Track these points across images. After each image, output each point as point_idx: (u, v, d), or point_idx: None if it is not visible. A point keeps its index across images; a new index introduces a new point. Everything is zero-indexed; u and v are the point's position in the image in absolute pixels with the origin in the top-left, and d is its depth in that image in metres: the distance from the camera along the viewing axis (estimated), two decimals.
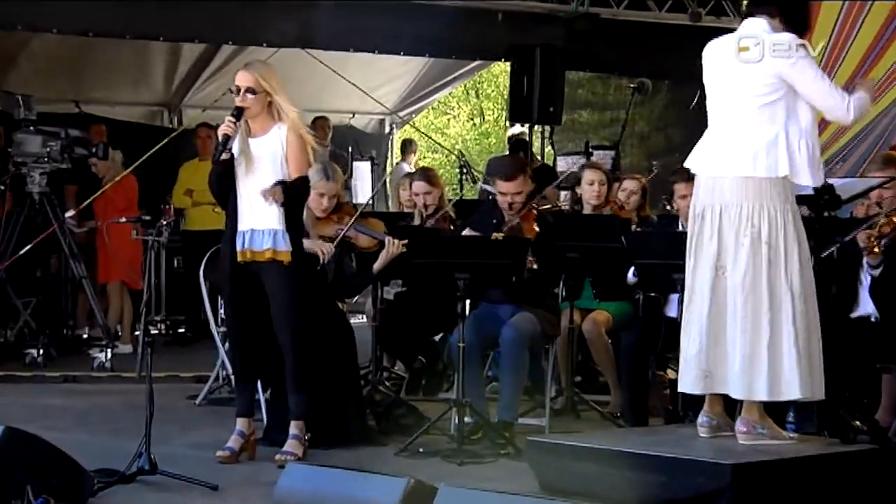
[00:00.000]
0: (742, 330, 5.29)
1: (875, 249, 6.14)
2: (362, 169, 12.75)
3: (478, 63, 14.30)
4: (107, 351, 9.05)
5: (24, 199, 9.41)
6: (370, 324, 7.64)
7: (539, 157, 12.27)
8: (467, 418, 6.40)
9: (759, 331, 5.26)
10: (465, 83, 21.22)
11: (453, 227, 7.61)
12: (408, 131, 16.87)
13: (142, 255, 10.41)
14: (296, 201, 6.07)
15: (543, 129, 12.54)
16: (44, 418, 7.06)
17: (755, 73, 5.32)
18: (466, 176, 11.72)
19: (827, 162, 9.00)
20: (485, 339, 6.69)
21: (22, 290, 9.75)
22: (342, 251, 6.96)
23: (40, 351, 9.14)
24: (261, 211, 6.00)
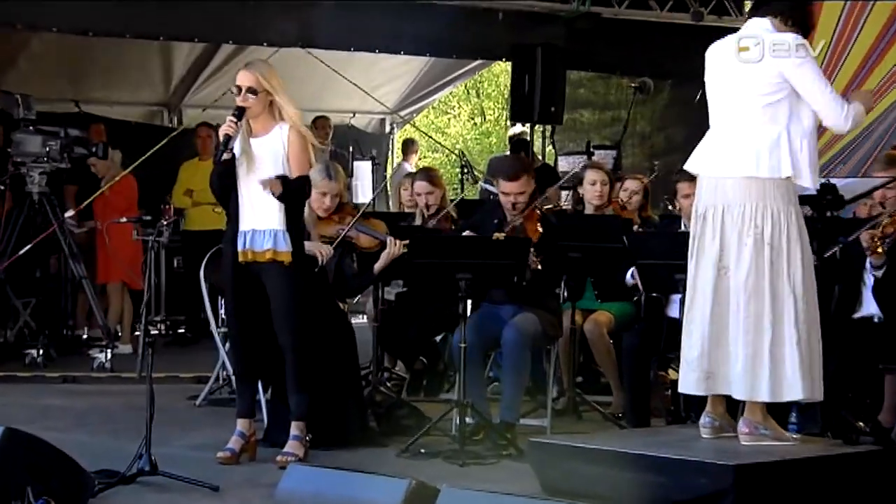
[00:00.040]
0: (744, 330, 5.27)
1: (878, 250, 6.13)
2: (363, 169, 12.72)
3: (478, 62, 14.26)
4: (107, 351, 9.04)
5: (24, 199, 9.40)
6: (371, 324, 7.61)
7: (540, 156, 12.25)
8: (469, 419, 6.39)
9: (761, 331, 5.25)
10: (466, 83, 21.21)
11: (455, 227, 7.59)
12: (408, 131, 16.86)
13: (142, 255, 10.39)
14: (296, 200, 6.05)
15: (544, 129, 12.52)
16: (44, 419, 7.06)
17: (756, 73, 5.31)
18: (467, 176, 11.68)
19: (826, 164, 9.00)
20: (486, 339, 6.67)
21: (21, 290, 9.74)
22: (343, 251, 6.94)
23: (40, 351, 9.13)
24: (262, 211, 5.98)
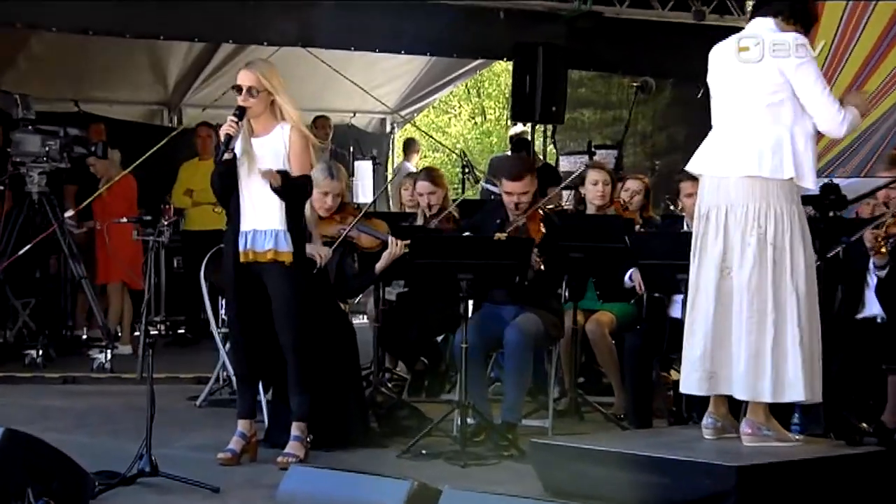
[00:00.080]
0: (747, 330, 5.26)
1: (882, 250, 6.12)
2: (364, 168, 12.70)
3: (479, 62, 14.23)
4: (106, 352, 9.02)
5: (23, 199, 9.38)
6: (372, 324, 7.59)
7: (541, 156, 12.23)
8: (470, 420, 6.37)
9: (763, 331, 5.24)
10: (467, 82, 21.19)
11: (457, 227, 7.55)
12: (409, 130, 16.84)
13: (142, 255, 10.37)
14: (295, 196, 6.00)
15: (545, 129, 12.50)
16: (43, 420, 7.05)
17: (757, 73, 5.30)
18: (468, 176, 11.66)
19: (825, 167, 8.98)
20: (488, 340, 6.65)
21: (21, 290, 9.72)
22: (345, 251, 6.92)
23: (39, 352, 9.12)
24: (263, 211, 5.96)
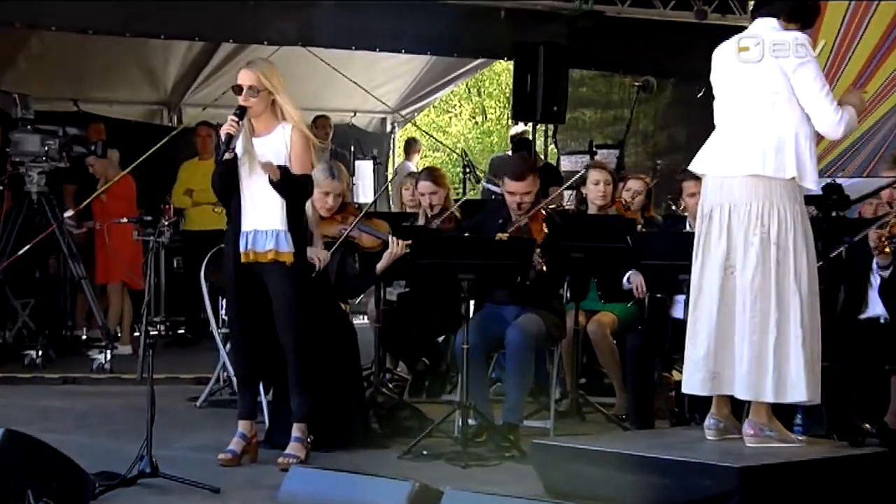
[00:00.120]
0: (750, 330, 5.25)
1: (886, 250, 6.11)
2: (364, 168, 12.69)
3: (480, 61, 14.22)
4: (106, 352, 9.00)
5: (23, 199, 9.37)
6: (373, 325, 7.57)
7: (542, 156, 12.21)
8: (471, 421, 6.35)
9: (766, 331, 5.23)
10: (467, 81, 21.18)
11: (458, 227, 7.53)
12: (409, 130, 16.82)
13: (142, 255, 10.35)
14: (295, 192, 5.97)
15: (546, 128, 12.48)
16: (43, 420, 7.03)
17: (758, 73, 5.29)
18: (470, 175, 11.64)
19: (825, 168, 8.97)
20: (489, 340, 6.63)
21: (20, 290, 9.70)
22: (346, 251, 6.90)
23: (39, 352, 9.10)
24: (264, 212, 5.94)
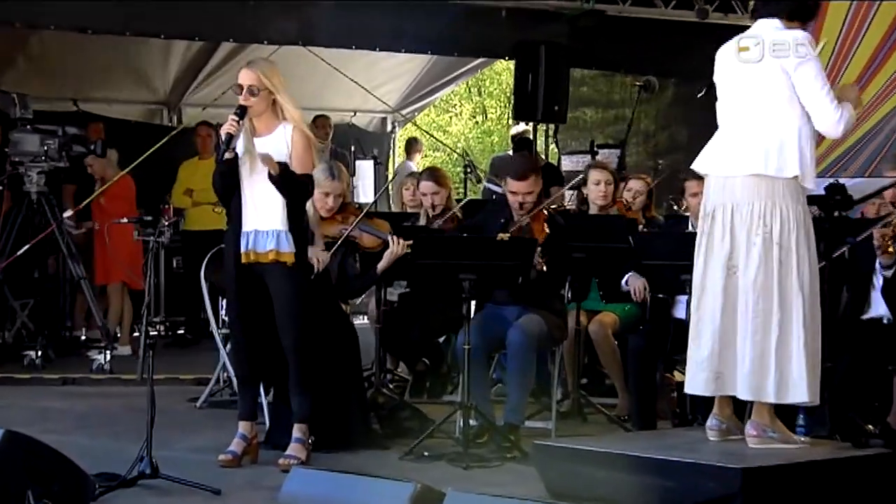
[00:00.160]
0: (753, 330, 5.24)
1: (889, 249, 6.10)
2: (365, 168, 12.67)
3: (481, 61, 14.20)
4: (106, 353, 8.98)
5: (22, 199, 9.35)
6: (374, 325, 7.56)
7: (543, 155, 12.19)
8: (472, 421, 6.35)
9: (768, 332, 5.22)
10: (468, 81, 21.16)
11: (459, 227, 7.51)
12: (410, 130, 16.80)
13: (142, 255, 10.33)
14: (294, 190, 5.94)
15: (547, 128, 12.46)
16: (43, 421, 7.02)
17: (758, 73, 5.28)
18: (471, 175, 11.62)
19: (826, 169, 8.95)
20: (490, 340, 6.61)
21: (19, 291, 9.69)
22: (346, 251, 6.89)
23: (38, 353, 9.08)
24: (265, 212, 5.92)
